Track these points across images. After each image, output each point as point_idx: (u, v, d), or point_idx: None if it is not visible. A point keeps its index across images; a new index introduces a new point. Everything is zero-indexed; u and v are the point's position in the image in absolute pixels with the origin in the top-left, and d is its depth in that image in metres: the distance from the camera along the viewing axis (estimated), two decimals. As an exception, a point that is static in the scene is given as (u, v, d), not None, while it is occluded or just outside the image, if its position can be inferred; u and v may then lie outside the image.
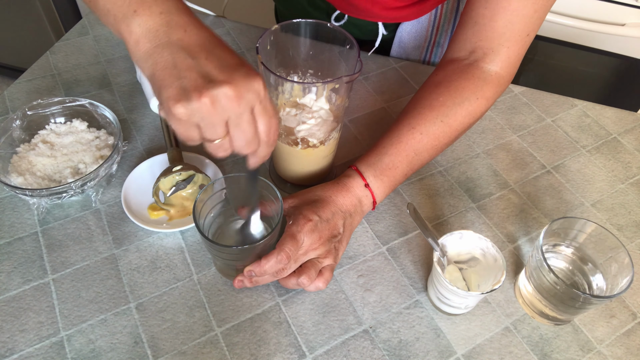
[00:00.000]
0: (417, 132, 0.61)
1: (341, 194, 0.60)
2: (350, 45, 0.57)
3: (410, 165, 0.62)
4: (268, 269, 0.53)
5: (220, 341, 0.55)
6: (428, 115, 0.62)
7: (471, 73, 0.63)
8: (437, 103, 0.62)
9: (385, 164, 0.61)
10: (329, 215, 0.57)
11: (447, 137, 0.63)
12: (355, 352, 0.55)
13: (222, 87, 0.40)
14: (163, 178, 0.62)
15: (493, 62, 0.62)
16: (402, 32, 0.86)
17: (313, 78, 0.64)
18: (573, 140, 0.77)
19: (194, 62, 0.41)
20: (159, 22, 0.43)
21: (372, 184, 0.61)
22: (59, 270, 0.59)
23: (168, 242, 0.62)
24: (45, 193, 0.60)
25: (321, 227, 0.56)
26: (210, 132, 0.43)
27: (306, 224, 0.55)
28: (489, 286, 0.53)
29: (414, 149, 0.62)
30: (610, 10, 1.23)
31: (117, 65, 0.83)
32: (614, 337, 0.57)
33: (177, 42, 0.42)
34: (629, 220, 0.68)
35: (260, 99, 0.43)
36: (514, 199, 0.69)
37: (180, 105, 0.40)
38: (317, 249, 0.56)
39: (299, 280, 0.55)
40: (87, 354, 0.53)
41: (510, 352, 0.55)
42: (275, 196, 0.54)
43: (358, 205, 0.61)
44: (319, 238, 0.56)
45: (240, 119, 0.42)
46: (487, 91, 0.63)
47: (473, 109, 0.63)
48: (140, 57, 0.44)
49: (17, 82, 0.80)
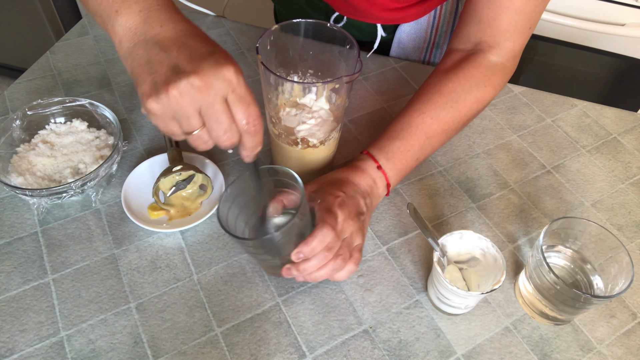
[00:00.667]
0: (427, 117, 0.62)
1: (357, 174, 0.59)
2: (350, 45, 0.57)
3: (422, 149, 0.62)
4: (316, 245, 0.50)
5: (220, 341, 0.55)
6: (438, 100, 0.62)
7: (478, 62, 0.64)
8: (446, 89, 0.63)
9: (397, 147, 0.61)
10: (352, 192, 0.57)
11: (456, 122, 0.64)
12: (355, 352, 0.55)
13: (189, 77, 0.40)
14: (163, 178, 0.62)
15: (499, 54, 0.64)
16: (401, 34, 0.86)
17: (313, 78, 0.65)
18: (573, 140, 0.77)
19: (166, 56, 0.42)
20: (137, 20, 0.44)
21: (385, 167, 0.61)
22: (59, 270, 0.59)
23: (168, 242, 0.62)
24: (45, 193, 0.60)
25: (349, 203, 0.55)
26: (185, 125, 0.43)
27: (336, 199, 0.54)
28: (489, 286, 0.53)
29: (425, 133, 0.62)
30: (610, 10, 1.23)
31: (117, 65, 0.83)
32: (614, 337, 0.57)
33: (152, 38, 0.43)
34: (629, 220, 0.68)
35: (232, 87, 0.42)
36: (514, 199, 0.69)
37: (151, 100, 0.41)
38: (350, 225, 0.55)
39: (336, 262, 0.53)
40: (87, 354, 0.53)
41: (510, 352, 0.55)
42: (294, 179, 0.52)
43: (374, 187, 0.60)
44: (349, 213, 0.55)
45: (212, 109, 0.42)
46: (495, 80, 0.64)
47: (481, 96, 0.64)
48: (122, 56, 0.45)
49: (17, 82, 0.80)
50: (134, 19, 0.44)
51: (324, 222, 0.52)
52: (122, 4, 0.44)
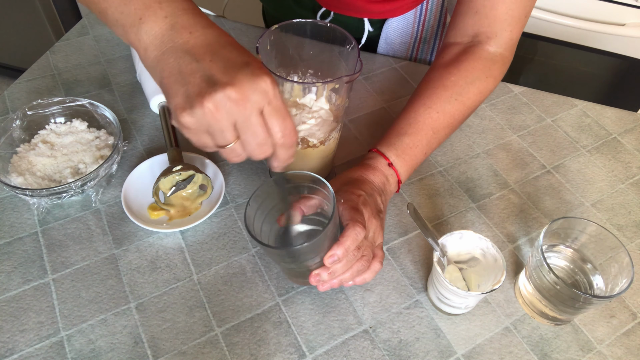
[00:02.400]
0: (433, 111, 0.62)
1: (370, 172, 0.59)
2: (350, 45, 0.57)
3: (429, 144, 0.63)
4: (350, 244, 0.49)
5: (220, 341, 0.55)
6: (442, 94, 0.63)
7: (478, 54, 0.64)
8: (449, 83, 0.63)
9: (406, 143, 0.61)
10: (370, 191, 0.57)
11: (461, 114, 0.64)
12: (355, 352, 0.55)
13: (225, 89, 0.38)
14: (163, 178, 0.62)
15: (497, 45, 0.64)
16: (388, 29, 0.85)
17: (313, 78, 0.65)
18: (573, 140, 0.77)
19: (199, 66, 0.40)
20: (164, 27, 0.42)
21: (395, 163, 0.61)
22: (59, 270, 0.59)
23: (168, 242, 0.62)
24: (45, 193, 0.60)
25: (370, 201, 0.55)
26: (219, 138, 0.41)
27: (359, 198, 0.54)
28: (489, 286, 0.53)
29: (432, 128, 0.62)
30: (610, 10, 1.23)
31: (117, 65, 0.83)
32: (614, 337, 0.57)
33: (182, 46, 0.41)
34: (629, 220, 0.68)
35: (269, 100, 0.40)
36: (514, 199, 0.69)
37: (185, 114, 0.39)
38: (372, 224, 0.54)
39: (361, 263, 0.52)
40: (87, 354, 0.53)
41: (510, 352, 0.55)
42: (321, 183, 0.51)
43: (387, 184, 0.60)
44: (371, 211, 0.54)
45: (248, 122, 0.40)
46: (495, 70, 0.65)
47: (484, 87, 0.64)
48: (149, 66, 0.42)
49: (17, 82, 0.80)
50: (160, 26, 0.42)
51: (354, 220, 0.50)
52: (145, 10, 0.42)
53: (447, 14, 0.83)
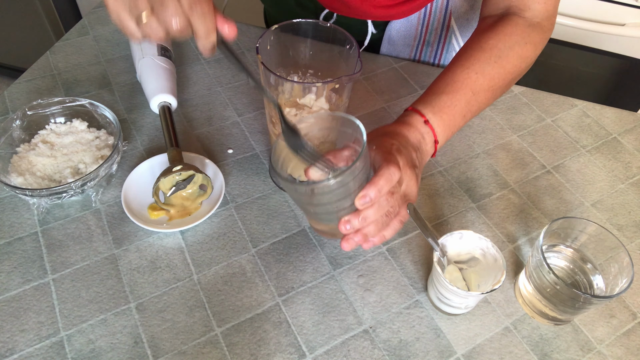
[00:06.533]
0: (472, 72, 0.60)
1: (405, 128, 0.57)
2: (350, 45, 0.57)
3: (468, 105, 0.60)
4: (384, 184, 0.46)
5: (220, 341, 0.55)
6: (481, 56, 0.61)
7: (514, 21, 0.64)
8: (487, 46, 0.62)
9: (443, 101, 0.59)
10: (404, 143, 0.55)
11: (502, 79, 0.62)
12: (355, 352, 0.55)
13: None
14: (163, 178, 0.62)
15: (532, 15, 0.64)
16: (391, 31, 0.85)
17: (313, 78, 0.65)
18: (573, 140, 0.77)
19: None
20: None
21: (432, 121, 0.58)
22: (59, 270, 0.59)
23: (168, 242, 0.62)
24: (45, 193, 0.60)
25: (404, 151, 0.53)
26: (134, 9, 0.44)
27: (392, 145, 0.52)
28: (489, 286, 0.53)
29: (471, 88, 0.60)
30: (610, 10, 1.23)
31: (117, 65, 0.83)
32: (614, 337, 0.57)
33: None
34: (629, 220, 0.68)
35: None
36: (514, 199, 0.69)
37: None
38: (407, 174, 0.52)
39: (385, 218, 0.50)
40: (87, 354, 0.53)
41: (510, 352, 0.55)
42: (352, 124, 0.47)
43: (422, 142, 0.58)
44: (406, 160, 0.52)
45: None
46: (535, 37, 0.64)
47: (523, 53, 0.63)
48: None
49: (17, 82, 0.80)
50: None
51: (388, 161, 0.48)
52: None
53: (451, 17, 0.83)
